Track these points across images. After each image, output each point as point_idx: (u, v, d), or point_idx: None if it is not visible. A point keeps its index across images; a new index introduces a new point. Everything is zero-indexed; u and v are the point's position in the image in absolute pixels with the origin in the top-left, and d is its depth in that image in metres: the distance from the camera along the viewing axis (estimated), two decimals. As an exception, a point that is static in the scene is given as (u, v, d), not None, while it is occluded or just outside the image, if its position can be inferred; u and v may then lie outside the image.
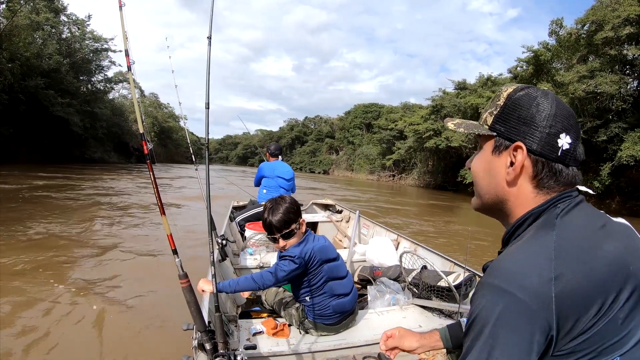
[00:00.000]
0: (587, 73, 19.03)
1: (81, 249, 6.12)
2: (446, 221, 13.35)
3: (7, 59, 25.65)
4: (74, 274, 4.96)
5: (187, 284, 1.77)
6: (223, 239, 3.03)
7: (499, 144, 0.89)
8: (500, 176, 0.89)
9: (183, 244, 6.32)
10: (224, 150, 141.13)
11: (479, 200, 0.98)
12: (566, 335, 0.71)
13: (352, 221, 5.68)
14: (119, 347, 3.32)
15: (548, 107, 0.85)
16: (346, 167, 69.06)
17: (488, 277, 0.77)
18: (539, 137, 0.84)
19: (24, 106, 28.95)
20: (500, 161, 0.89)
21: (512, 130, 0.87)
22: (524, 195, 0.87)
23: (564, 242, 0.75)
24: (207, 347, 1.74)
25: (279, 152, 5.69)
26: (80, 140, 37.41)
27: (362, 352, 2.29)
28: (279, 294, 2.64)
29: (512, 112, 0.88)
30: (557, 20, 22.85)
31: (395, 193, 28.81)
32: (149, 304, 4.22)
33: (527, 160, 0.85)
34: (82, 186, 15.43)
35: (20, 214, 8.41)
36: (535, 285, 0.71)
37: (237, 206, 6.59)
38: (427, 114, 36.42)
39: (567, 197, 0.84)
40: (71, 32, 40.33)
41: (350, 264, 3.93)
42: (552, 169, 0.84)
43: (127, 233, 7.49)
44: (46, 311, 3.87)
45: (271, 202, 2.45)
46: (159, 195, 1.81)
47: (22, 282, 4.51)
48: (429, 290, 2.85)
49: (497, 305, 0.72)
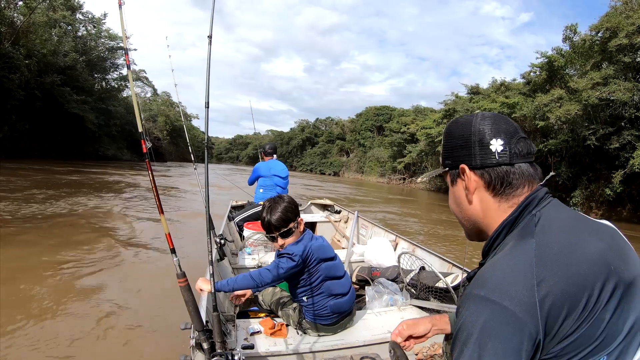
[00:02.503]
0: (601, 80, 18.78)
1: (79, 247, 6.09)
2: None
3: (24, 55, 25.98)
4: (72, 273, 4.94)
5: (185, 283, 1.77)
6: (221, 238, 3.04)
7: (452, 175, 0.99)
8: (464, 201, 0.97)
9: (181, 243, 6.39)
10: (235, 150, 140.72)
11: (465, 231, 1.04)
12: (552, 339, 0.73)
13: (351, 221, 5.68)
14: (116, 346, 3.30)
15: (471, 125, 0.93)
16: (356, 169, 68.75)
17: (472, 288, 0.79)
18: (474, 152, 0.91)
19: (40, 102, 29.38)
20: (459, 189, 0.97)
21: (454, 158, 0.96)
22: (489, 208, 0.93)
23: (544, 248, 0.77)
24: (204, 346, 1.74)
25: (273, 150, 5.78)
26: (94, 137, 37.80)
27: (360, 352, 2.29)
28: (276, 294, 2.64)
29: (448, 143, 0.98)
30: (571, 26, 22.58)
31: (406, 200, 28.63)
32: (147, 303, 4.21)
33: (474, 176, 0.92)
34: (92, 184, 15.54)
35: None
36: (519, 292, 0.72)
37: (236, 206, 6.63)
38: (440, 118, 36.12)
39: (537, 200, 0.87)
40: (87, 30, 40.84)
41: (348, 265, 3.92)
42: (499, 173, 0.89)
43: (127, 232, 7.50)
44: (45, 309, 3.87)
45: (269, 201, 2.47)
46: (158, 194, 1.83)
47: (21, 280, 4.54)
48: (427, 291, 2.86)
49: (481, 315, 0.73)
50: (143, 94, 63.20)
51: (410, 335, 1.38)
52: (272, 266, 2.27)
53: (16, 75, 25.25)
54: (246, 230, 4.38)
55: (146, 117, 53.76)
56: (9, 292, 4.21)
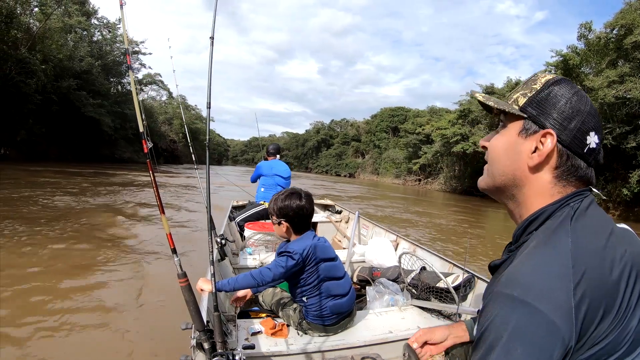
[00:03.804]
0: (617, 78, 18.56)
1: (79, 245, 6.15)
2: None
3: (40, 60, 26.43)
4: (73, 272, 4.98)
5: (185, 283, 1.78)
6: (222, 238, 3.05)
7: (528, 126, 0.87)
8: (522, 159, 0.87)
9: (182, 244, 6.45)
10: (250, 152, 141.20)
11: (490, 180, 0.96)
12: (583, 345, 0.70)
13: (352, 222, 5.67)
14: (116, 345, 3.31)
15: (583, 104, 0.84)
16: (372, 170, 68.77)
17: (502, 287, 0.75)
18: (571, 130, 0.83)
19: (57, 106, 29.88)
20: (525, 145, 0.87)
21: (545, 117, 0.85)
22: (542, 184, 0.86)
23: (580, 249, 0.74)
24: (205, 346, 1.74)
25: (276, 151, 5.84)
26: (111, 140, 38.29)
27: (361, 353, 2.28)
28: (276, 294, 2.64)
29: (548, 100, 0.86)
30: (586, 23, 22.36)
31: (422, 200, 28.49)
32: (147, 302, 4.22)
33: (555, 148, 0.83)
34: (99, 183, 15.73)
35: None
36: (555, 295, 0.69)
37: (237, 206, 6.62)
38: (455, 119, 35.98)
39: (580, 196, 0.84)
40: (102, 35, 41.42)
41: (349, 265, 3.92)
42: (575, 163, 0.84)
43: (128, 232, 7.53)
44: (45, 308, 3.89)
45: (293, 189, 2.56)
46: (159, 194, 1.84)
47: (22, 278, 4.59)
48: (427, 291, 2.85)
49: (512, 317, 0.69)
50: (159, 97, 63.85)
51: (427, 341, 1.34)
52: (273, 265, 2.28)
53: (33, 80, 25.71)
54: (247, 230, 4.38)
55: (162, 120, 54.27)
56: (10, 289, 4.26)
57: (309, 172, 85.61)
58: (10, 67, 24.76)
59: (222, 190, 15.74)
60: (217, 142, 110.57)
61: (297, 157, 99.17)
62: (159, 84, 60.29)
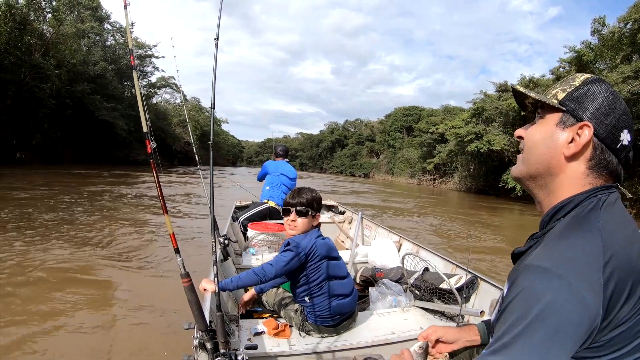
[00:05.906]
0: (632, 73, 18.27)
1: (81, 246, 6.12)
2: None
3: (54, 65, 26.68)
4: (74, 271, 4.97)
5: (188, 283, 1.79)
6: (225, 238, 3.07)
7: (566, 119, 0.92)
8: (559, 148, 0.91)
9: (185, 243, 6.48)
10: (265, 153, 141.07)
11: (525, 168, 0.99)
12: (608, 325, 0.72)
13: (355, 222, 5.66)
14: (119, 345, 3.31)
15: (619, 103, 0.90)
16: (386, 170, 68.53)
17: (533, 259, 0.78)
18: (607, 125, 0.88)
19: (71, 110, 30.28)
20: (563, 135, 0.91)
21: (583, 111, 0.90)
22: (576, 174, 0.90)
23: (609, 232, 0.78)
24: (208, 346, 1.75)
25: (284, 153, 5.88)
26: (125, 143, 38.63)
27: (364, 354, 2.28)
28: (279, 294, 2.65)
29: (586, 96, 0.91)
30: (599, 18, 22.06)
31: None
32: (150, 302, 4.20)
33: (590, 141, 0.88)
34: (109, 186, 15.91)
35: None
36: (586, 270, 0.72)
37: (240, 206, 6.65)
38: (469, 117, 35.67)
39: (607, 190, 0.88)
40: (115, 40, 41.83)
41: (352, 265, 3.92)
42: (607, 158, 0.88)
43: (133, 232, 7.51)
44: (46, 308, 3.89)
45: (303, 187, 2.63)
46: (162, 194, 1.86)
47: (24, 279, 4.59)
48: (430, 292, 2.84)
49: (544, 288, 0.72)
50: (172, 100, 64.21)
51: (439, 339, 1.36)
52: (274, 260, 2.29)
53: (47, 85, 26.00)
54: (250, 230, 4.40)
55: (176, 122, 54.63)
56: (12, 285, 4.32)
57: (323, 172, 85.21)
58: (25, 73, 25.06)
59: (228, 189, 15.81)
60: (232, 144, 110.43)
61: (312, 157, 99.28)
62: (173, 86, 60.69)
